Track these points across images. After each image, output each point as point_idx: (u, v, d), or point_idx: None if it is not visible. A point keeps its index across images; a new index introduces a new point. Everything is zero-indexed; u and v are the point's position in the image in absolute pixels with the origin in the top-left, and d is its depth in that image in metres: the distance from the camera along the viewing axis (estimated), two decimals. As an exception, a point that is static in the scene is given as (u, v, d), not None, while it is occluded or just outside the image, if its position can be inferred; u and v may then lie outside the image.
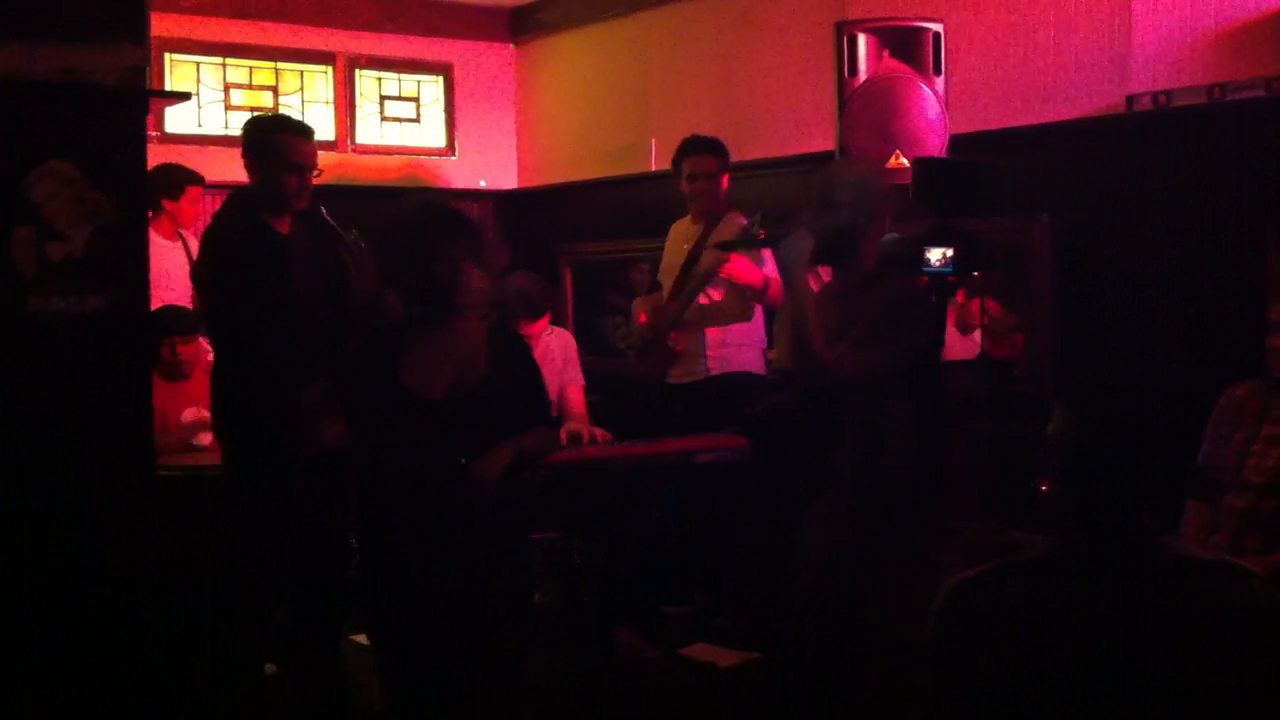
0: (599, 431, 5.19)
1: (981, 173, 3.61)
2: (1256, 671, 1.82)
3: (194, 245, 5.66)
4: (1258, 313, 3.86)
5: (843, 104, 4.61)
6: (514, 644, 3.34)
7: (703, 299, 5.19)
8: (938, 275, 3.19)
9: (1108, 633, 1.83)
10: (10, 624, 3.70)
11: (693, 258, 5.21)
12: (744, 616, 5.05)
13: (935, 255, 3.08)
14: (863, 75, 4.61)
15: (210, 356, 4.74)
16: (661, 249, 5.59)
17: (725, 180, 5.26)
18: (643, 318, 5.46)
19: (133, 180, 3.77)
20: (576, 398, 5.32)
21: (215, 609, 4.09)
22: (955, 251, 3.08)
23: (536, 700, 4.21)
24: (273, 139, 4.02)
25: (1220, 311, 4.34)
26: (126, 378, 3.78)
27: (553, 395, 5.21)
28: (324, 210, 4.11)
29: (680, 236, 5.41)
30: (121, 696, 3.88)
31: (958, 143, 4.47)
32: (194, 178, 5.92)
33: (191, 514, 4.19)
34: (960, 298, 5.02)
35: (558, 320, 6.30)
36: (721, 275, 4.97)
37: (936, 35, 4.58)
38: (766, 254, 4.80)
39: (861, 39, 4.60)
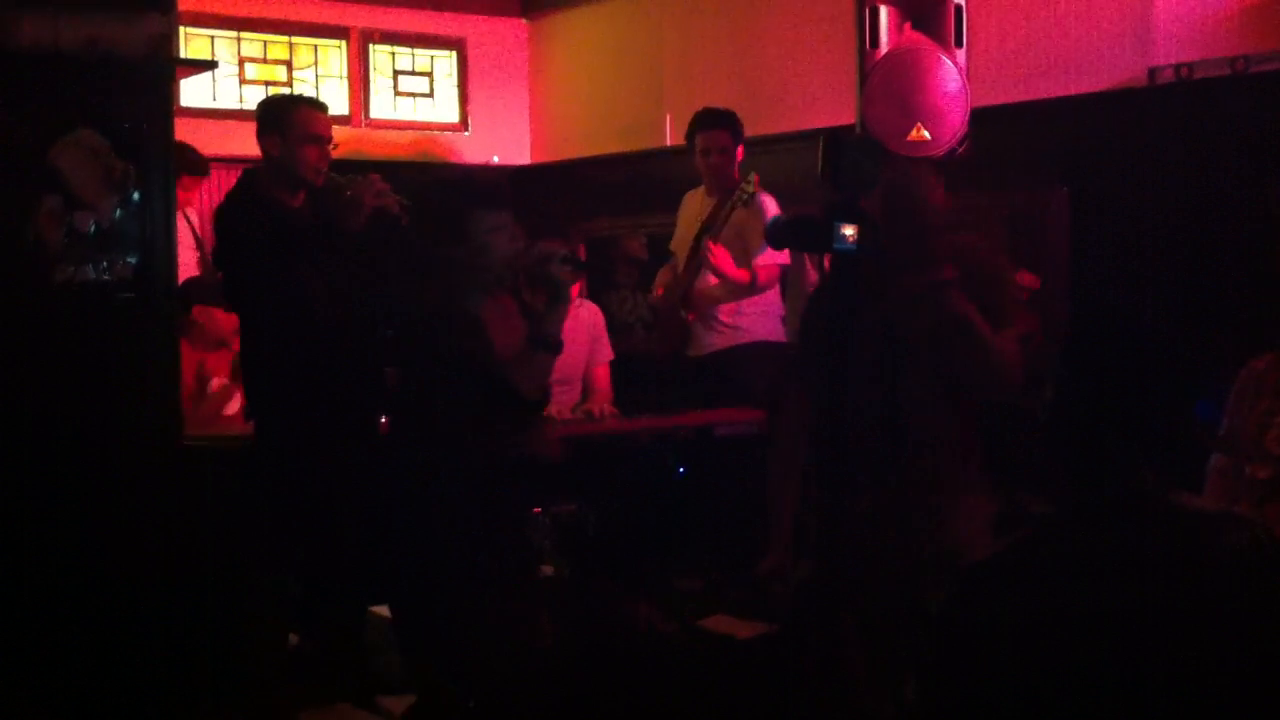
0: (608, 408, 5.20)
1: (880, 148, 3.53)
2: (1261, 619, 1.83)
3: (194, 218, 5.67)
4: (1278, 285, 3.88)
5: (863, 77, 4.60)
6: (523, 613, 3.35)
7: (714, 278, 5.20)
8: (845, 253, 3.03)
9: (1115, 602, 1.83)
10: (34, 588, 3.72)
11: (705, 229, 5.22)
12: (755, 589, 5.06)
13: (849, 231, 2.92)
14: (884, 47, 4.59)
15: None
16: (676, 225, 5.60)
17: (740, 153, 5.27)
18: (659, 290, 5.46)
19: (160, 149, 3.77)
20: (603, 375, 5.33)
21: (239, 580, 4.12)
22: (857, 229, 2.94)
23: (555, 672, 4.23)
24: (292, 114, 4.07)
25: (1241, 284, 4.34)
26: (154, 346, 3.80)
27: (580, 369, 5.22)
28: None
29: (694, 208, 5.40)
30: (143, 662, 3.91)
31: (978, 115, 4.45)
32: (196, 169, 5.79)
33: (217, 484, 4.21)
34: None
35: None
36: (713, 262, 5.04)
37: (958, 7, 4.55)
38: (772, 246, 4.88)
39: (883, 10, 4.58)
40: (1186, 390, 1.93)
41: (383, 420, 4.00)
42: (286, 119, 4.04)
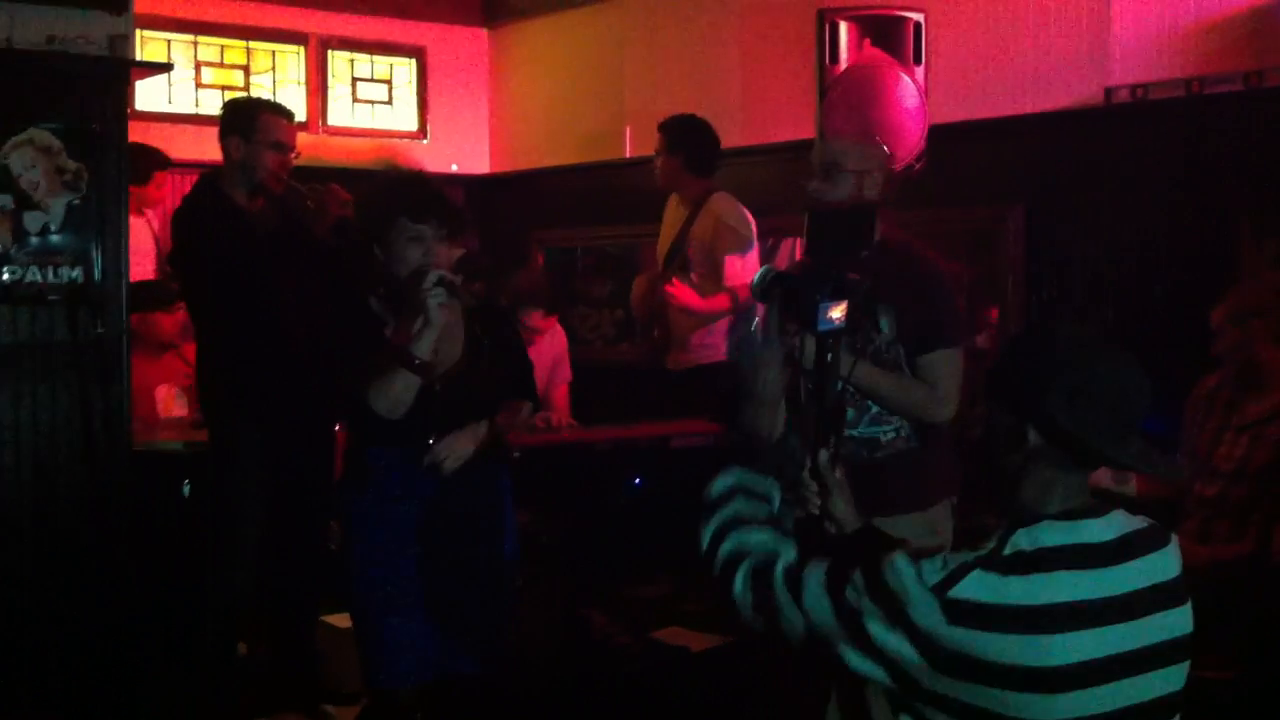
0: (566, 420, 5.17)
1: (872, 215, 3.34)
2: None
3: (156, 223, 5.62)
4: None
5: (823, 91, 4.62)
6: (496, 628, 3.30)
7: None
8: (833, 333, 2.82)
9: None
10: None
11: (680, 237, 5.19)
12: (712, 600, 5.05)
13: (837, 314, 2.73)
14: (843, 63, 4.62)
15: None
16: (634, 237, 5.58)
17: (679, 159, 5.15)
18: (636, 294, 5.42)
19: (113, 150, 3.73)
20: (562, 396, 5.31)
21: (191, 588, 4.07)
22: (845, 308, 2.76)
23: (512, 682, 4.21)
24: (255, 116, 4.03)
25: (1194, 303, 4.38)
26: (104, 350, 3.74)
27: (541, 391, 5.19)
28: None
29: (672, 215, 5.33)
30: (91, 670, 3.85)
31: (936, 132, 4.49)
32: (162, 162, 5.74)
33: (167, 491, 4.17)
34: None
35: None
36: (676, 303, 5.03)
37: (917, 24, 4.59)
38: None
39: (843, 26, 4.61)
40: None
41: (337, 428, 3.97)
42: (250, 121, 4.01)
